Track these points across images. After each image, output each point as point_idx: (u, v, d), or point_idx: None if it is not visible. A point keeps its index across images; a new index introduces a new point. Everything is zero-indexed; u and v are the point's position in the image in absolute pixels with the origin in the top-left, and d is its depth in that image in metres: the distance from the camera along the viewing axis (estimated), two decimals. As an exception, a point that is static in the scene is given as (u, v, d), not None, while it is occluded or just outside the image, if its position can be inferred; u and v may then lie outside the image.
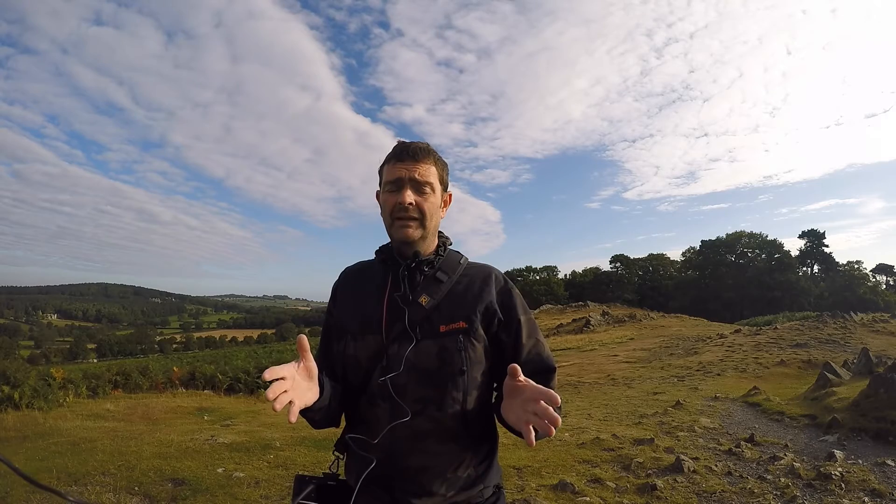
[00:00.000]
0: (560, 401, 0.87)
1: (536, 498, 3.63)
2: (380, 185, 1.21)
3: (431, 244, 1.19)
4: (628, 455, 4.75)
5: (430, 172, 1.15)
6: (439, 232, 1.23)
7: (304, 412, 1.02)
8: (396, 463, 1.06)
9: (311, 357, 0.98)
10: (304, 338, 0.96)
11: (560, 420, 0.84)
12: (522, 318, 1.17)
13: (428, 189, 1.14)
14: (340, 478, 1.15)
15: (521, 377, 0.90)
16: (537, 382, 1.10)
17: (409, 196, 1.11)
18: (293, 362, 0.96)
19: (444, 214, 1.24)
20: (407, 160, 1.13)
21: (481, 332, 1.11)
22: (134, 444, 4.99)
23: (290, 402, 0.88)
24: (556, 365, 1.18)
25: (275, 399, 0.86)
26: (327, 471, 1.15)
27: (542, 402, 0.85)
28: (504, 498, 1.18)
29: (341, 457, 1.18)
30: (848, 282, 51.74)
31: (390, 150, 1.19)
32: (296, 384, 0.93)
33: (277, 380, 0.89)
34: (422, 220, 1.13)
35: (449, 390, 1.07)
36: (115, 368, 10.94)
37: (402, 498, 1.06)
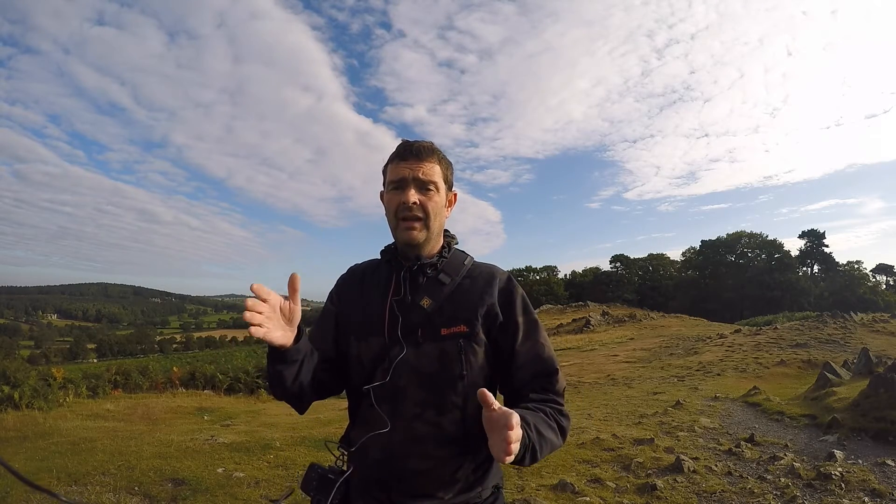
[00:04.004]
0: (515, 422, 0.82)
1: (536, 498, 3.63)
2: (384, 185, 1.20)
3: (436, 244, 1.18)
4: (628, 455, 4.75)
5: (433, 171, 1.13)
6: (445, 231, 1.22)
7: (274, 363, 1.00)
8: (395, 465, 1.06)
9: (298, 300, 0.98)
10: (297, 276, 0.96)
11: (513, 445, 0.81)
12: (521, 319, 1.13)
13: (432, 188, 1.13)
14: (344, 472, 1.15)
15: (495, 406, 0.84)
16: (535, 386, 1.10)
17: (413, 195, 1.10)
18: (281, 296, 0.96)
19: (449, 214, 1.22)
20: (410, 159, 1.12)
21: (482, 335, 1.10)
22: (134, 444, 4.99)
23: (263, 328, 0.91)
24: (559, 367, 1.13)
25: (251, 321, 0.89)
26: (333, 464, 1.17)
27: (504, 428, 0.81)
28: (502, 498, 1.18)
29: (345, 453, 1.18)
30: (848, 282, 51.76)
31: (394, 150, 1.17)
32: (274, 318, 0.94)
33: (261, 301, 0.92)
34: (426, 220, 1.11)
35: (448, 395, 1.06)
36: (115, 368, 10.94)
37: (400, 500, 1.06)
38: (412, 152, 1.13)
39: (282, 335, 0.96)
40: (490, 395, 0.85)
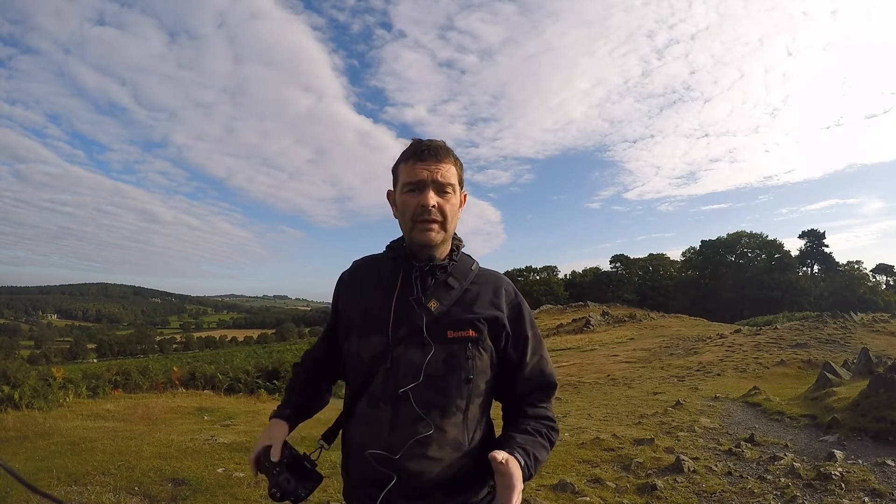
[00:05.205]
0: (518, 480, 0.93)
1: (536, 498, 3.63)
2: (394, 184, 1.17)
3: (447, 247, 1.16)
4: (628, 455, 4.75)
5: (451, 173, 1.12)
6: (454, 234, 1.21)
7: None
8: (394, 466, 1.05)
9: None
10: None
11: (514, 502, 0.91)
12: (530, 334, 1.17)
13: (450, 190, 1.11)
14: (314, 464, 1.14)
15: (501, 459, 0.94)
16: (537, 398, 1.17)
17: (433, 198, 1.08)
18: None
19: (460, 215, 1.20)
20: (429, 160, 1.09)
21: (489, 342, 1.11)
22: (134, 444, 4.99)
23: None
24: (557, 381, 1.22)
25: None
26: (309, 454, 1.16)
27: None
28: None
29: (326, 447, 1.18)
30: (848, 282, 51.72)
31: (407, 148, 1.14)
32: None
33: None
34: (443, 222, 1.10)
35: (453, 397, 1.07)
36: (115, 368, 10.93)
37: (398, 501, 1.06)
38: (430, 153, 1.10)
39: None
40: (499, 454, 0.95)
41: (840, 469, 4.11)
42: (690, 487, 3.92)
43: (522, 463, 0.99)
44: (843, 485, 3.85)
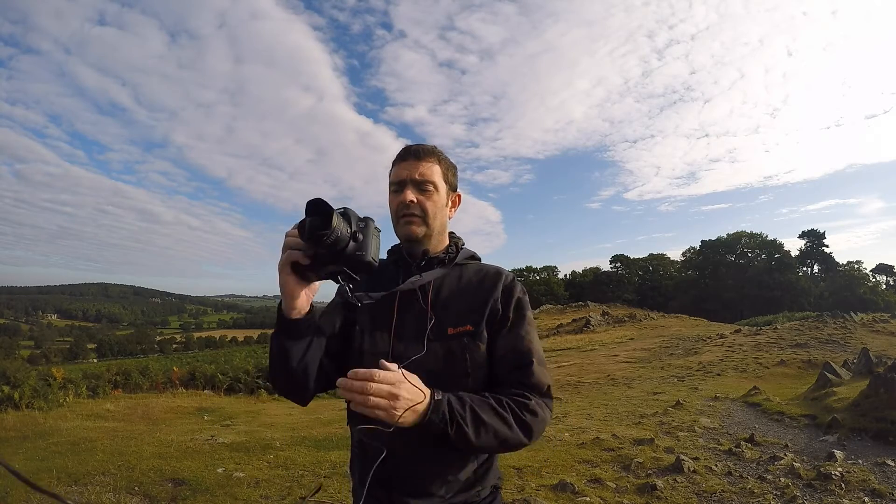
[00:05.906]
0: (379, 377, 0.86)
1: (536, 498, 3.63)
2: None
3: (440, 243, 1.20)
4: (628, 455, 4.75)
5: (432, 171, 1.15)
6: (451, 233, 1.24)
7: (283, 335, 1.01)
8: (397, 463, 1.06)
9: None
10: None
11: (365, 396, 0.85)
12: (512, 315, 1.13)
13: (430, 188, 1.14)
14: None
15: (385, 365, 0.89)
16: (513, 379, 1.09)
17: (410, 195, 1.12)
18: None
19: (453, 215, 1.23)
20: (409, 160, 1.15)
21: (485, 334, 1.11)
22: (134, 444, 4.99)
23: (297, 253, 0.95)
24: (535, 359, 1.09)
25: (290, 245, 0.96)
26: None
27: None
28: (501, 498, 1.18)
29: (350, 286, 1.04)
30: (848, 282, 51.73)
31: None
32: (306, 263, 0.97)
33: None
34: (424, 217, 1.13)
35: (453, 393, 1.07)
36: (115, 368, 10.96)
37: (400, 499, 1.06)
38: (411, 153, 1.16)
39: (304, 293, 0.99)
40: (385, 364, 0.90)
41: (840, 469, 4.11)
42: (690, 487, 3.92)
43: (441, 396, 0.94)
44: (843, 485, 3.85)
